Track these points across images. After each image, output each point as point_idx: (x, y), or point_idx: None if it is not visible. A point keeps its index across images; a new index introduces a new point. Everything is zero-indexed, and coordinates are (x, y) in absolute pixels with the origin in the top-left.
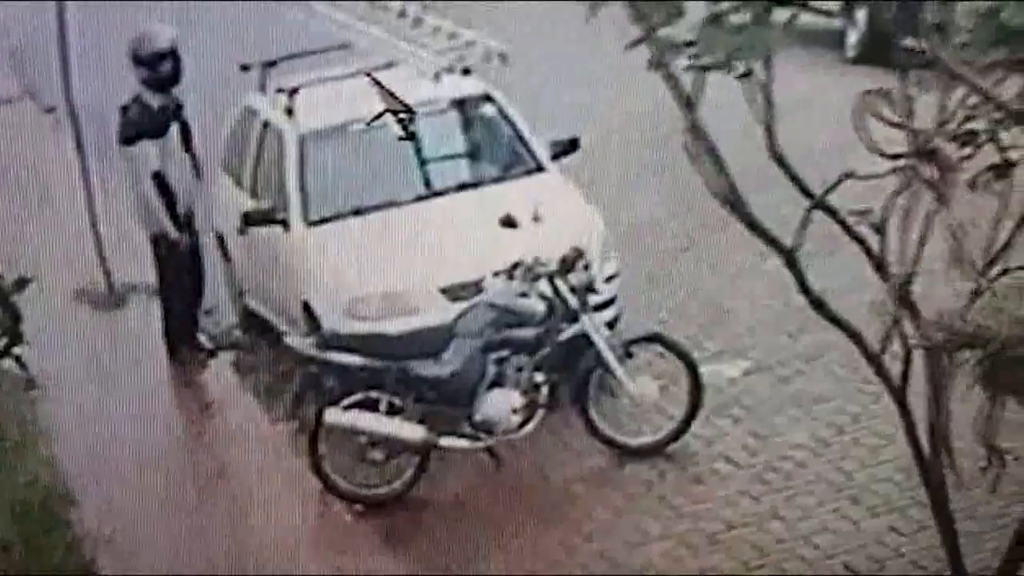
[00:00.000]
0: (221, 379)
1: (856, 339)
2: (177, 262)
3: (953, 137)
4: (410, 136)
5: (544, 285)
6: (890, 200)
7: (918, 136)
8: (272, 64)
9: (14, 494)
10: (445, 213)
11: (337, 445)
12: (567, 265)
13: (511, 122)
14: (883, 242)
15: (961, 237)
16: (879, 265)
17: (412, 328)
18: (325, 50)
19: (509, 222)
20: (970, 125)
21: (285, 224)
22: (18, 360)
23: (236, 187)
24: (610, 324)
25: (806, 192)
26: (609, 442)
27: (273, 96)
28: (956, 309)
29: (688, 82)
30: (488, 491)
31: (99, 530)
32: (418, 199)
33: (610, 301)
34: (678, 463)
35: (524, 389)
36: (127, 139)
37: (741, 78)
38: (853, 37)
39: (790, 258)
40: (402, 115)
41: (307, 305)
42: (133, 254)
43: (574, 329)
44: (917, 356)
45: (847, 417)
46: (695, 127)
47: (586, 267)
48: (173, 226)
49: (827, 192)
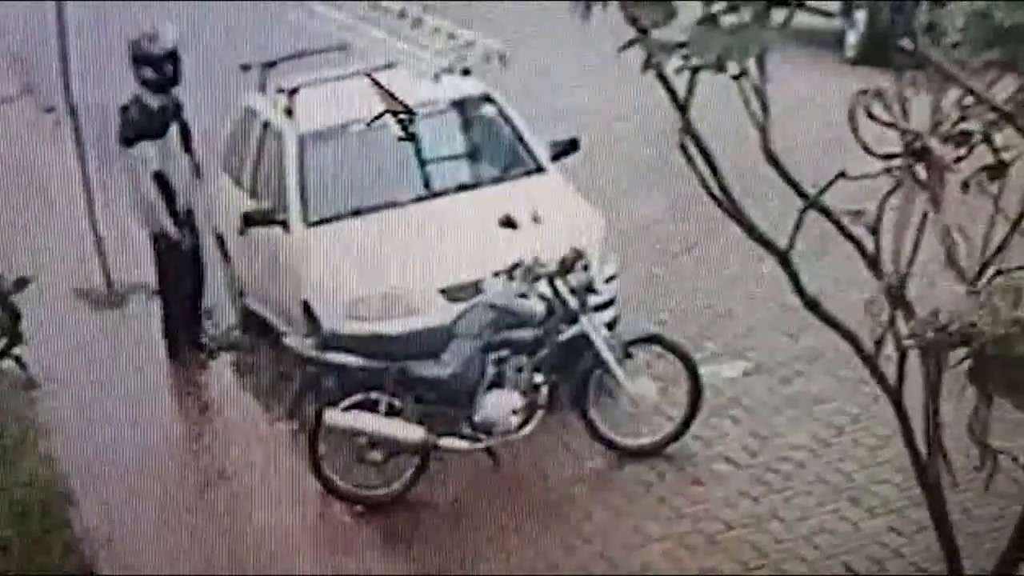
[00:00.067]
0: (221, 379)
1: (851, 340)
2: (177, 262)
3: (947, 138)
4: (410, 137)
5: (544, 286)
6: (883, 200)
7: (910, 136)
8: (272, 64)
9: (13, 494)
10: (445, 214)
11: (337, 446)
12: (567, 266)
13: (511, 123)
14: (877, 242)
15: (952, 239)
16: (873, 265)
17: (412, 329)
18: (325, 51)
19: (509, 223)
20: (964, 126)
21: (285, 225)
22: (18, 360)
23: (236, 187)
24: (609, 325)
25: (801, 193)
26: (608, 443)
27: (273, 96)
28: (949, 309)
29: (683, 83)
30: (487, 492)
31: (98, 530)
32: (418, 200)
33: (610, 302)
34: (677, 464)
35: (523, 390)
36: (127, 140)
37: (736, 79)
38: (852, 38)
39: (784, 259)
40: (402, 116)
41: (307, 305)
42: (133, 254)
43: (574, 330)
44: (914, 357)
45: (846, 418)
46: (689, 128)
47: (585, 268)
48: (173, 226)
49: (821, 192)
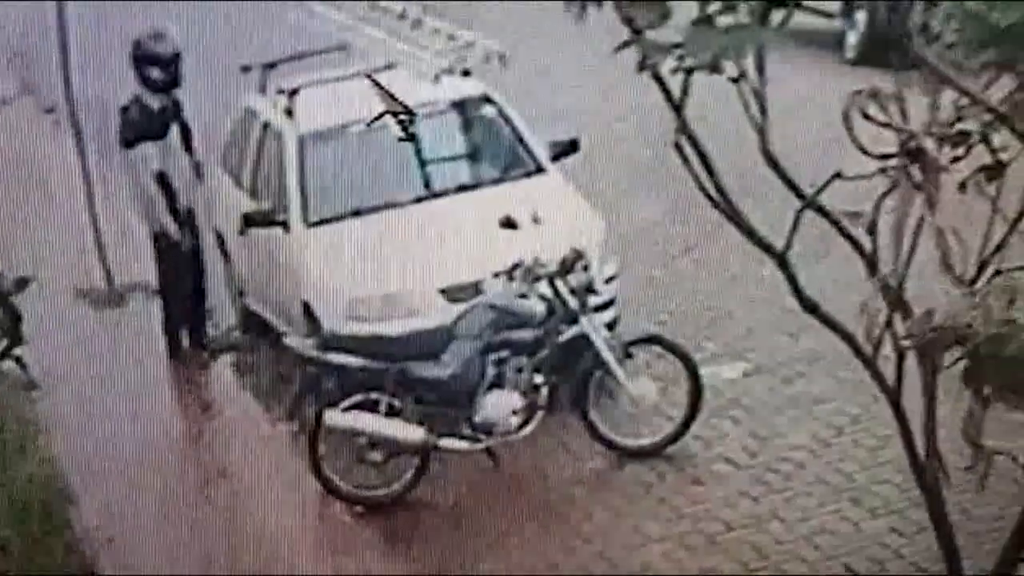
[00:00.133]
0: (221, 379)
1: (850, 341)
2: (178, 262)
3: (944, 138)
4: (410, 137)
5: (544, 286)
6: (879, 201)
7: (905, 136)
8: (272, 65)
9: (14, 494)
10: (445, 214)
11: (337, 446)
12: (567, 266)
13: (511, 123)
14: (875, 243)
15: (946, 241)
16: (871, 265)
17: (412, 329)
18: (325, 51)
19: (509, 223)
20: (961, 126)
21: (285, 225)
22: (18, 361)
23: (236, 188)
24: (609, 325)
25: (799, 194)
26: (608, 443)
27: (273, 97)
28: (944, 309)
29: (679, 85)
30: (487, 493)
31: (99, 530)
32: (418, 200)
33: (610, 302)
34: (677, 464)
35: (523, 390)
36: (128, 141)
37: (735, 81)
38: (853, 39)
39: (782, 261)
40: (402, 116)
41: (307, 306)
42: (133, 253)
43: (574, 330)
44: (912, 357)
45: (847, 418)
46: (684, 128)
47: (585, 268)
48: (174, 226)
49: (817, 193)
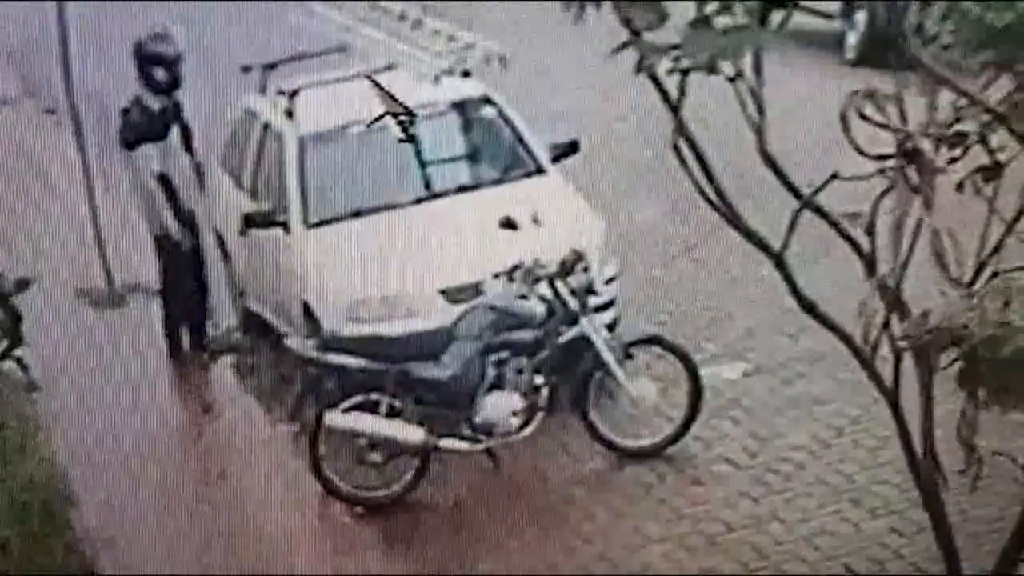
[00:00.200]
0: (221, 380)
1: (848, 341)
2: (179, 263)
3: (941, 139)
4: (410, 138)
5: (544, 287)
6: (877, 201)
7: (902, 137)
8: (272, 66)
9: (14, 494)
10: (445, 215)
11: (337, 447)
12: (567, 267)
13: (511, 124)
14: (873, 243)
15: (942, 241)
16: (870, 265)
17: (412, 330)
18: (325, 52)
19: (509, 224)
20: (959, 127)
21: (285, 226)
22: (19, 362)
23: (236, 188)
24: (610, 326)
25: (797, 194)
26: (609, 444)
27: (273, 98)
28: (940, 310)
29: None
30: (487, 493)
31: (99, 531)
32: (418, 201)
33: (610, 303)
34: (678, 465)
35: (524, 391)
36: (129, 143)
37: (732, 82)
38: (852, 39)
39: (779, 261)
40: (402, 117)
41: (307, 307)
42: (134, 254)
43: (574, 331)
44: (911, 358)
45: (847, 419)
46: (682, 129)
47: (585, 269)
48: (177, 227)
49: (814, 193)
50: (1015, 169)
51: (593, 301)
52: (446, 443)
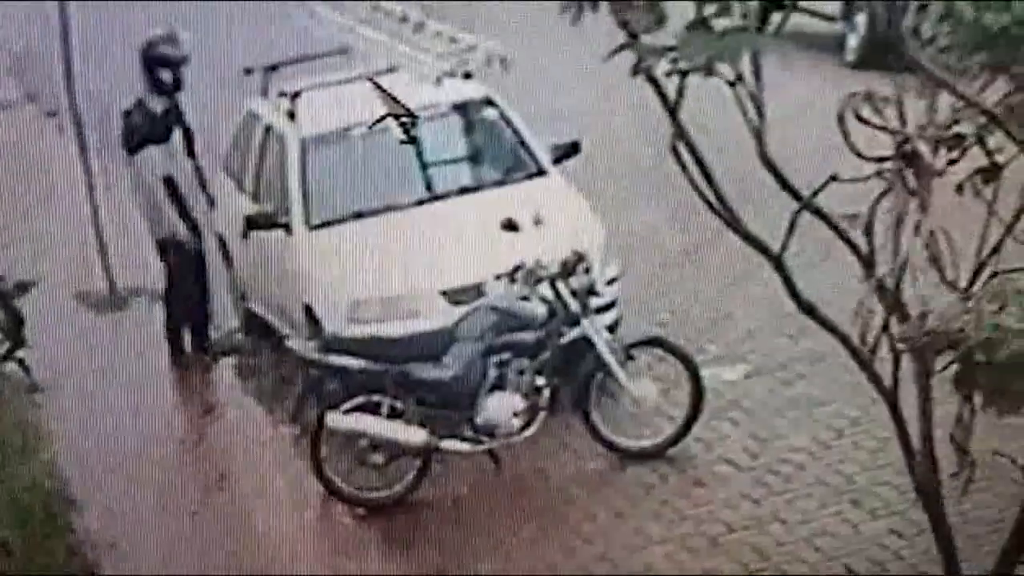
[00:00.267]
0: (223, 382)
1: (846, 343)
2: (185, 266)
3: (939, 141)
4: (412, 140)
5: (545, 288)
6: (875, 203)
7: (900, 139)
8: (274, 68)
9: (16, 497)
10: (446, 217)
11: (339, 448)
12: (568, 268)
13: (512, 126)
14: (871, 244)
15: (938, 244)
16: (868, 266)
17: (413, 331)
18: (327, 54)
19: (510, 225)
20: (957, 128)
21: (287, 228)
22: (21, 363)
23: (238, 191)
24: (611, 327)
25: (797, 196)
26: (610, 445)
27: (275, 100)
28: (938, 313)
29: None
30: (489, 494)
31: (101, 533)
32: (419, 203)
33: (611, 304)
34: (679, 466)
35: (525, 392)
36: (132, 146)
37: (732, 85)
38: (853, 41)
39: (778, 263)
40: (404, 119)
41: (309, 308)
42: (136, 256)
43: (575, 332)
44: (910, 360)
45: (847, 420)
46: (680, 132)
47: (587, 270)
48: (184, 228)
49: (813, 195)
50: (1014, 170)
51: (594, 302)
52: (447, 444)
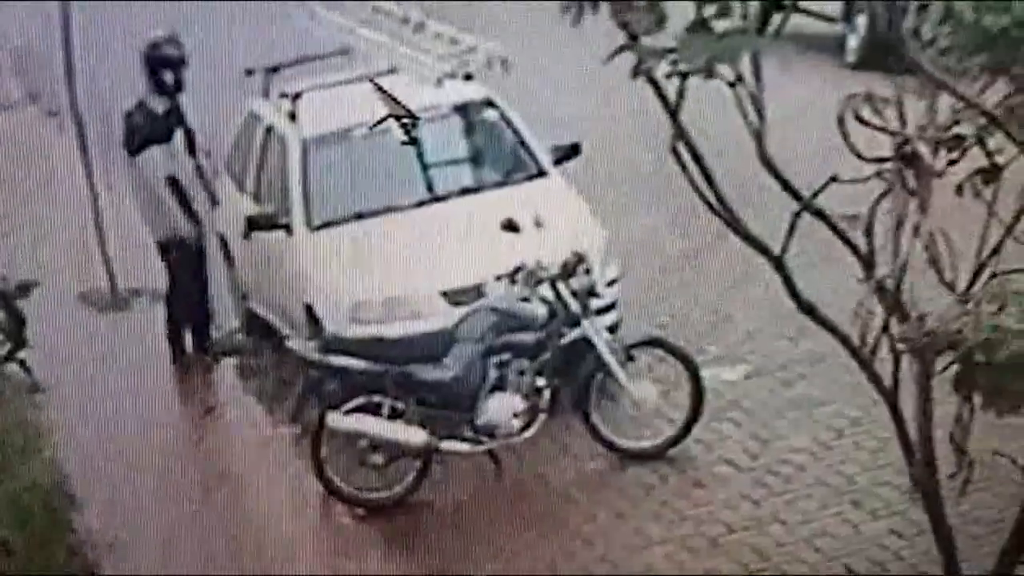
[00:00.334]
0: (224, 383)
1: (846, 343)
2: (186, 266)
3: (939, 142)
4: (412, 141)
5: (546, 289)
6: (875, 204)
7: (899, 140)
8: (275, 69)
9: (17, 497)
10: (447, 218)
11: (339, 449)
12: (568, 269)
13: (513, 127)
14: (871, 245)
15: (936, 245)
16: (867, 267)
17: (414, 332)
18: (328, 55)
19: (511, 226)
20: (957, 130)
21: (288, 228)
22: (22, 364)
23: (239, 191)
24: (611, 328)
25: (798, 198)
26: (610, 446)
27: (276, 101)
28: (937, 314)
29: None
30: (489, 495)
31: (102, 533)
32: (420, 204)
33: (611, 305)
34: (679, 467)
35: (525, 393)
36: (134, 147)
37: (732, 86)
38: (853, 42)
39: (778, 264)
40: (405, 120)
41: (310, 309)
42: (137, 257)
43: (575, 333)
44: (910, 360)
45: (847, 420)
46: (681, 133)
47: (587, 271)
48: (189, 228)
49: (813, 196)
50: (1014, 172)
51: (595, 303)
52: (448, 445)
